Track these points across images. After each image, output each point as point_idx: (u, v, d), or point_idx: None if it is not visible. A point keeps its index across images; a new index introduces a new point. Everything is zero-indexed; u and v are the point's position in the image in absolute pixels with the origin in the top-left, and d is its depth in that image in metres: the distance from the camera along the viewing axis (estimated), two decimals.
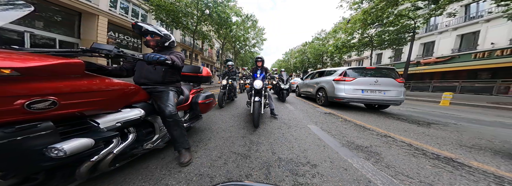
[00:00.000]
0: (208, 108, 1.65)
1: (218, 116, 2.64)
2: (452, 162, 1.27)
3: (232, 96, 4.17)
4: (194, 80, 1.79)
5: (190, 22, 11.02)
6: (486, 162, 1.30)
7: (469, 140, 1.86)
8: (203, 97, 1.57)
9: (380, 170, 1.12)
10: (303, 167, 1.11)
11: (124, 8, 11.10)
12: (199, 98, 1.54)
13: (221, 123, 2.26)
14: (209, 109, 1.69)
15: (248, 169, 1.10)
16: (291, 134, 1.83)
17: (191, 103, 1.51)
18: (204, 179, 0.97)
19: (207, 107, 1.63)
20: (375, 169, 1.12)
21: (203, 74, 1.77)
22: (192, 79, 1.77)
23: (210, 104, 1.67)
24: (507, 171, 1.16)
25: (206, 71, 1.81)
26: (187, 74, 1.72)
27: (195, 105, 1.51)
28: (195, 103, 1.50)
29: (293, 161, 1.20)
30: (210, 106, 1.67)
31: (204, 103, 1.55)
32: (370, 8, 9.02)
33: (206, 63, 24.98)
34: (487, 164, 1.26)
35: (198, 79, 1.78)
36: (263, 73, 2.59)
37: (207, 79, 1.85)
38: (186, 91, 1.51)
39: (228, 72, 4.26)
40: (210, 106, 1.67)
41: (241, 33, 16.93)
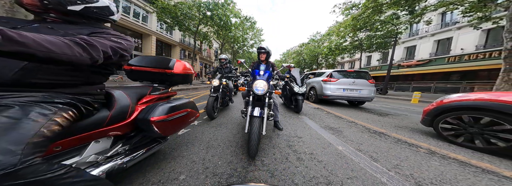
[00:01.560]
0: (176, 126, 1.00)
1: (205, 133, 1.76)
2: (382, 134, 2.06)
3: (227, 100, 3.14)
4: (159, 79, 1.12)
5: (191, 24, 11.49)
6: (401, 134, 2.10)
7: (403, 123, 2.71)
8: (165, 109, 0.87)
9: (338, 138, 1.87)
10: (293, 138, 1.84)
11: (124, 7, 11.35)
12: (155, 111, 0.84)
13: (206, 145, 1.44)
14: (179, 127, 1.06)
15: None
16: (286, 122, 2.59)
17: (136, 121, 0.83)
18: None
19: (174, 125, 0.95)
20: (336, 138, 1.87)
21: (175, 70, 1.08)
22: (156, 77, 1.12)
23: (183, 120, 1.01)
24: (408, 137, 1.97)
25: (181, 67, 1.13)
26: (147, 70, 1.09)
27: (145, 123, 0.82)
28: (144, 120, 0.81)
29: (287, 135, 1.90)
30: (182, 123, 1.02)
31: (165, 121, 0.86)
32: (358, 15, 9.98)
33: (205, 63, 25.32)
34: (400, 135, 2.05)
35: (166, 78, 1.11)
36: (269, 71, 1.72)
37: (184, 78, 1.17)
38: (127, 98, 0.81)
39: (220, 69, 3.13)
40: (181, 123, 1.03)
41: (240, 34, 17.54)
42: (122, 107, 0.75)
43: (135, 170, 1.04)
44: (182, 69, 1.13)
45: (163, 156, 1.25)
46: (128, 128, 0.81)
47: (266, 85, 1.47)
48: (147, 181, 0.95)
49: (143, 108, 0.86)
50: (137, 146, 0.93)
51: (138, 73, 1.13)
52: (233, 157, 1.27)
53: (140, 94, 0.92)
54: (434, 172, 1.19)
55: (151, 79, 1.16)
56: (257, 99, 1.56)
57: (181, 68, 1.13)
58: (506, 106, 1.40)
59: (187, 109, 1.04)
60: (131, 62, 1.12)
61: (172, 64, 1.09)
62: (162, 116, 0.84)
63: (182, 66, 1.14)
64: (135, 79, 1.19)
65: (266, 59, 1.94)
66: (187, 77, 1.20)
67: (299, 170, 1.14)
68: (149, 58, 1.14)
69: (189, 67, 1.21)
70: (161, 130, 0.85)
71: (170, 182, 0.95)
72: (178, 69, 1.11)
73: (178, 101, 1.01)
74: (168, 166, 1.11)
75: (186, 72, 1.17)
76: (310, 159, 1.32)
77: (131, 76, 1.17)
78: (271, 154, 1.37)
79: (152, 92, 1.00)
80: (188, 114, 1.06)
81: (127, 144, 0.87)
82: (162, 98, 1.06)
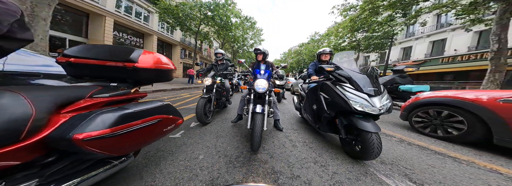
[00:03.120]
0: (139, 140, 0.72)
1: (190, 146, 1.43)
2: None
3: (223, 101, 2.80)
4: (117, 76, 0.83)
5: (193, 24, 11.71)
6: (382, 127, 2.39)
7: (387, 119, 3.03)
8: (108, 120, 0.56)
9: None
10: (290, 131, 2.09)
11: (126, 7, 11.51)
12: (87, 124, 0.51)
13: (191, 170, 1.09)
14: (146, 141, 0.78)
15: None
16: (283, 115, 2.89)
17: (48, 141, 0.48)
18: None
19: (132, 139, 0.67)
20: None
21: (140, 64, 0.78)
22: (111, 73, 0.82)
23: (151, 131, 0.75)
24: (387, 130, 2.27)
25: (152, 60, 0.83)
26: (94, 63, 0.76)
27: (65, 144, 0.48)
28: (61, 140, 0.48)
29: (284, 128, 2.14)
30: (149, 134, 0.76)
31: (109, 136, 0.55)
32: (355, 17, 10.26)
33: (205, 62, 25.46)
34: (382, 128, 2.38)
35: (128, 75, 0.81)
36: (269, 70, 1.79)
37: (158, 75, 0.88)
38: (26, 104, 0.46)
39: (215, 66, 2.77)
40: (149, 135, 0.76)
41: (240, 34, 17.75)
42: (10, 120, 0.42)
43: (164, 152, 1.30)
44: (152, 63, 0.81)
45: (183, 141, 1.54)
46: (36, 152, 0.48)
47: (267, 84, 1.57)
48: (175, 158, 1.24)
49: (67, 119, 0.53)
50: (66, 174, 0.58)
51: (81, 68, 0.79)
52: (239, 144, 1.57)
53: (66, 98, 0.58)
54: (397, 154, 1.49)
55: (107, 77, 0.84)
56: (258, 97, 1.64)
57: (150, 61, 0.81)
58: (459, 101, 1.72)
59: (159, 116, 0.75)
60: (69, 52, 0.77)
61: (135, 55, 0.77)
62: (101, 130, 0.52)
63: (153, 59, 0.83)
64: (78, 76, 0.85)
65: (263, 59, 2.00)
66: (161, 74, 0.88)
67: (293, 153, 1.44)
68: (100, 48, 0.80)
69: (165, 61, 0.90)
70: (106, 149, 0.55)
71: (193, 160, 1.24)
72: (145, 62, 0.79)
73: (141, 106, 0.71)
74: (188, 149, 1.40)
75: (159, 67, 0.84)
76: (303, 146, 1.61)
77: (71, 71, 0.83)
78: (271, 142, 1.67)
79: (97, 93, 0.67)
80: (161, 122, 0.77)
81: (39, 176, 0.51)
82: (116, 101, 0.73)
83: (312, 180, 1.05)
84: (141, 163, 1.15)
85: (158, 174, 1.04)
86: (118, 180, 0.96)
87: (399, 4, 8.09)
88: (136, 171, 1.05)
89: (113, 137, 0.57)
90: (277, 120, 2.09)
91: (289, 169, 1.17)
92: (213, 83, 2.31)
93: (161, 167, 1.12)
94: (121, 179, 0.97)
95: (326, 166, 1.23)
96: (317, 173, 1.13)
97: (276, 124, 2.10)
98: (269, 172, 1.12)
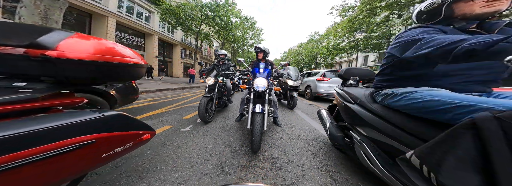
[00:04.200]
0: (48, 174, 0.42)
1: (192, 143, 1.48)
2: None
3: (225, 101, 2.88)
4: (26, 71, 0.53)
5: (194, 24, 11.88)
6: None
7: None
8: None
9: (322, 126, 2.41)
10: (287, 126, 2.30)
11: (128, 7, 11.65)
12: None
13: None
14: (66, 173, 0.48)
15: None
16: (283, 115, 3.09)
17: None
18: None
19: (29, 177, 0.37)
20: (321, 126, 2.40)
21: (61, 51, 0.48)
22: (12, 67, 0.52)
23: (73, 159, 0.47)
24: None
25: (91, 47, 0.57)
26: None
27: None
28: None
29: (282, 124, 2.34)
30: (69, 165, 0.47)
31: None
32: (353, 17, 10.44)
33: (205, 62, 25.59)
34: None
35: (41, 70, 0.51)
36: (268, 69, 1.77)
37: (104, 72, 0.61)
38: None
39: (217, 66, 2.87)
40: (69, 166, 0.47)
41: (240, 34, 17.91)
42: None
43: (178, 142, 1.53)
44: (92, 52, 0.56)
45: (192, 134, 1.75)
46: None
47: (266, 82, 1.55)
48: (188, 147, 1.45)
49: None
50: None
51: None
52: (241, 136, 1.77)
53: None
54: None
55: (7, 72, 0.55)
56: (257, 96, 1.62)
57: (87, 49, 0.56)
58: None
59: (89, 137, 0.50)
60: None
61: (52, 39, 0.50)
62: None
63: (94, 47, 0.57)
64: None
65: (264, 57, 2.02)
66: (115, 70, 0.63)
67: (290, 144, 1.64)
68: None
69: (122, 51, 0.65)
70: None
71: (203, 148, 1.45)
72: (75, 50, 0.53)
73: (51, 121, 0.45)
74: (198, 140, 1.61)
75: (107, 59, 0.58)
76: (298, 138, 1.82)
77: None
78: (270, 135, 1.87)
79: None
80: (95, 145, 0.52)
81: None
82: (13, 112, 0.46)
83: (304, 164, 1.26)
84: (161, 150, 1.36)
85: (176, 159, 1.24)
86: (149, 161, 1.17)
87: (395, 5, 8.28)
88: (159, 157, 1.26)
89: None
90: (275, 117, 2.19)
91: (285, 156, 1.38)
92: (215, 82, 2.39)
93: (178, 154, 1.32)
94: (150, 161, 1.17)
95: (316, 154, 1.44)
96: (309, 159, 1.34)
97: (275, 121, 2.22)
98: (268, 158, 1.32)
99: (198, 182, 0.98)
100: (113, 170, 1.05)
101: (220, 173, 1.07)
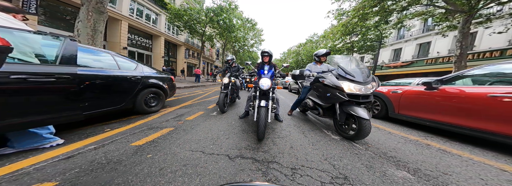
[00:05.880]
0: None
1: (217, 124, 2.10)
2: None
3: (235, 97, 3.65)
4: None
5: (198, 27, 12.67)
6: None
7: None
8: None
9: (314, 118, 3.28)
10: (283, 116, 3.23)
11: (138, 10, 12.41)
12: None
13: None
14: None
15: None
16: (282, 109, 3.97)
17: None
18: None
19: None
20: (314, 119, 3.27)
21: None
22: None
23: None
24: None
25: None
26: None
27: None
28: None
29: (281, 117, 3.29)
30: None
31: None
32: (346, 22, 11.31)
33: (207, 61, 26.40)
34: None
35: None
36: (272, 70, 2.12)
37: None
38: None
39: (229, 68, 3.53)
40: None
41: (241, 35, 18.70)
42: None
43: (214, 121, 2.40)
44: None
45: (219, 117, 2.61)
46: None
47: (270, 82, 1.88)
48: (220, 123, 2.32)
49: None
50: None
51: None
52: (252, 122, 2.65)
53: None
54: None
55: None
56: (262, 94, 1.93)
57: None
58: (377, 93, 2.84)
59: None
60: None
61: None
62: None
63: None
64: None
65: (269, 60, 2.30)
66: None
67: (287, 130, 2.51)
68: None
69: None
70: None
71: (229, 123, 2.31)
72: None
73: None
74: (217, 124, 2.48)
75: None
76: (292, 125, 2.69)
77: None
78: (271, 126, 2.74)
79: None
80: None
81: None
82: None
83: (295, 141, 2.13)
84: (206, 123, 2.23)
85: (201, 132, 2.10)
86: (202, 129, 2.04)
87: (383, 12, 9.13)
88: (183, 132, 2.12)
89: None
90: (277, 114, 2.56)
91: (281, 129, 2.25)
92: (229, 82, 3.04)
93: (218, 125, 2.20)
94: (203, 129, 2.04)
95: (308, 138, 2.32)
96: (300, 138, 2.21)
97: (277, 117, 2.56)
98: (271, 137, 2.18)
99: (233, 137, 1.83)
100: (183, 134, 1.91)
101: (243, 133, 1.92)
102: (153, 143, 1.48)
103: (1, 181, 0.89)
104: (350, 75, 1.76)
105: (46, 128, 1.29)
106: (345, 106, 1.77)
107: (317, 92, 2.15)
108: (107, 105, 1.91)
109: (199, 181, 0.97)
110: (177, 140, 1.59)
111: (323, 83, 1.92)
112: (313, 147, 1.57)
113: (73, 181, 0.91)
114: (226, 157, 1.28)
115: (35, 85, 1.15)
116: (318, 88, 2.11)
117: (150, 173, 1.01)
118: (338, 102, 1.84)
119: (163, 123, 2.12)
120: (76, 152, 1.25)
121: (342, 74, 1.82)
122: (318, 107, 2.21)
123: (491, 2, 5.80)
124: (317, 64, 2.60)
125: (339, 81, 1.76)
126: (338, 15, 12.61)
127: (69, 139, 1.46)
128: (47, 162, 1.09)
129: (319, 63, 2.59)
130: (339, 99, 1.75)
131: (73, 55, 1.36)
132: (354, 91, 1.69)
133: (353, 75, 1.75)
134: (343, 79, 1.78)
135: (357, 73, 1.77)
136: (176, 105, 3.37)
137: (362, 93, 1.68)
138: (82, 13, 3.93)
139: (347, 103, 1.78)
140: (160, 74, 2.76)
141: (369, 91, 1.69)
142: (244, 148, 1.47)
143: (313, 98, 2.29)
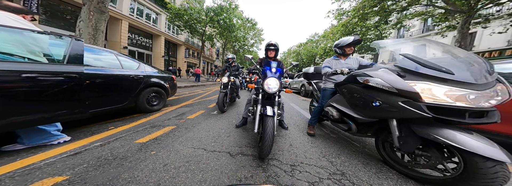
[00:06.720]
0: None
1: (214, 124, 2.03)
2: None
3: (234, 96, 3.57)
4: None
5: (198, 26, 12.69)
6: None
7: None
8: None
9: (308, 114, 3.32)
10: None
11: (138, 10, 12.42)
12: None
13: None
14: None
15: None
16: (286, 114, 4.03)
17: None
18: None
19: None
20: (308, 114, 3.32)
21: None
22: None
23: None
24: None
25: None
26: None
27: None
28: None
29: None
30: None
31: None
32: (346, 22, 11.35)
33: (207, 61, 26.42)
34: None
35: None
36: (280, 68, 1.56)
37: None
38: None
39: (228, 67, 3.45)
40: None
41: (241, 34, 18.72)
42: None
43: (215, 119, 2.45)
44: None
45: (219, 116, 2.66)
46: None
47: (279, 83, 1.40)
48: (222, 121, 2.37)
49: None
50: None
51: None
52: None
53: None
54: None
55: None
56: (266, 98, 1.47)
57: None
58: None
59: None
60: None
61: None
62: None
63: None
64: None
65: (275, 56, 1.87)
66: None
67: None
68: None
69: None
70: None
71: (229, 122, 2.36)
72: None
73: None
74: (218, 123, 2.53)
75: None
76: (291, 124, 2.74)
77: None
78: None
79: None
80: None
81: None
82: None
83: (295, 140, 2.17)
84: (207, 122, 2.27)
85: (202, 130, 2.15)
86: (202, 127, 2.08)
87: (383, 12, 9.16)
88: (184, 130, 2.17)
89: None
90: (282, 120, 2.10)
91: None
92: (228, 81, 2.97)
93: (218, 123, 2.24)
94: (204, 128, 2.09)
95: (307, 136, 2.36)
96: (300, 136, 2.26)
97: (281, 124, 2.12)
98: None
99: (234, 135, 1.87)
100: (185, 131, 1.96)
101: (244, 132, 1.96)
102: (157, 141, 1.53)
103: (14, 175, 0.94)
104: (438, 69, 0.88)
105: (53, 125, 1.33)
106: (417, 124, 0.97)
107: (351, 98, 1.36)
108: (111, 103, 1.96)
109: (202, 176, 1.01)
110: (180, 137, 1.64)
111: (364, 85, 1.19)
112: (312, 145, 1.62)
113: (82, 175, 0.96)
114: (228, 154, 1.33)
115: (45, 84, 1.20)
116: (352, 93, 1.34)
117: (154, 169, 1.06)
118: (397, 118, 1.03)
119: (165, 122, 2.16)
120: (83, 149, 1.29)
121: (412, 68, 0.98)
122: (349, 120, 1.43)
123: (490, 3, 5.84)
124: (340, 58, 1.81)
125: (407, 81, 0.94)
126: (338, 15, 12.65)
127: (75, 137, 1.50)
128: (56, 158, 1.14)
129: (342, 57, 1.80)
130: (405, 113, 0.93)
131: (80, 55, 1.41)
132: (450, 101, 0.84)
133: (449, 69, 0.86)
134: (418, 76, 0.94)
135: (457, 65, 0.91)
136: (177, 104, 3.41)
137: (470, 105, 0.81)
138: (83, 12, 3.97)
139: (422, 119, 0.95)
140: (162, 73, 2.81)
141: (488, 102, 0.81)
142: (245, 145, 1.52)
143: (340, 106, 1.50)
